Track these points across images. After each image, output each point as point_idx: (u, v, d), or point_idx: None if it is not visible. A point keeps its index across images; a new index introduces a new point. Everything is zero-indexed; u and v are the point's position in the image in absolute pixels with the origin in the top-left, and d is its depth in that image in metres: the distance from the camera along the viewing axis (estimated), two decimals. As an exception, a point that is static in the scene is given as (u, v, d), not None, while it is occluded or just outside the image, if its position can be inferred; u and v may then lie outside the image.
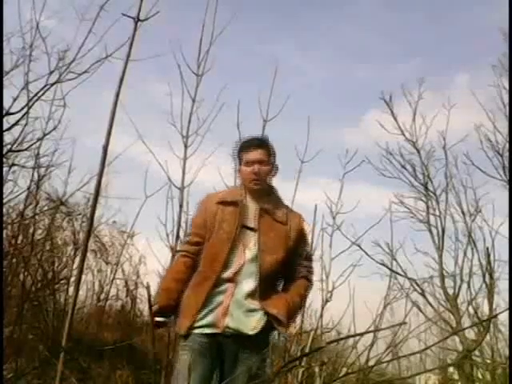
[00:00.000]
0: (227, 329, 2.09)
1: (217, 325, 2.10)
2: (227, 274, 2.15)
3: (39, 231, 6.11)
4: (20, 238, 5.51)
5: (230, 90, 4.69)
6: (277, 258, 2.18)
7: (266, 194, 2.30)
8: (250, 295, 2.13)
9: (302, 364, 4.37)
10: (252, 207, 2.25)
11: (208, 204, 2.31)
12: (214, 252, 2.18)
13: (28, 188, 5.54)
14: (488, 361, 7.06)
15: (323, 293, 4.75)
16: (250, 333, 2.08)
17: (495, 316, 7.36)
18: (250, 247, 2.18)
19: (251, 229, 2.21)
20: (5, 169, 4.93)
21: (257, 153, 2.27)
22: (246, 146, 2.31)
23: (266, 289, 2.15)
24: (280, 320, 2.11)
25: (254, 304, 2.12)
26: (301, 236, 2.29)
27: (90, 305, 7.67)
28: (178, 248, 2.42)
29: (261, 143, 2.32)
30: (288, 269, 2.26)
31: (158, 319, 2.17)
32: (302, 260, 2.30)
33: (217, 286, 2.14)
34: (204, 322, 2.11)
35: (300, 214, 2.37)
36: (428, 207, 8.38)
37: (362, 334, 3.72)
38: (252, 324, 2.10)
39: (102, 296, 7.64)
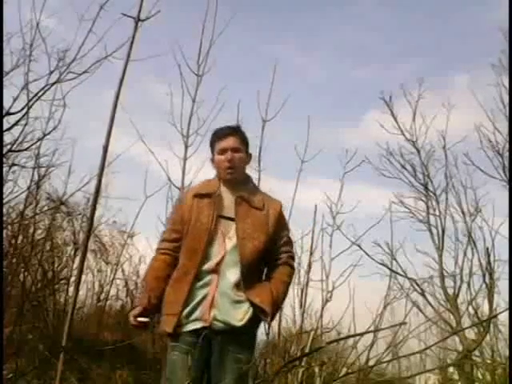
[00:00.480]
0: (215, 321, 2.05)
1: (204, 318, 2.06)
2: (209, 265, 2.11)
3: (39, 231, 6.12)
4: (20, 238, 5.51)
5: (229, 90, 4.70)
6: (258, 245, 2.15)
7: (241, 183, 2.27)
8: (236, 285, 2.09)
9: (302, 364, 4.37)
10: (228, 197, 2.22)
11: (183, 200, 2.29)
12: (192, 245, 2.15)
13: (28, 188, 5.54)
14: (488, 361, 7.06)
15: (323, 293, 4.75)
16: (238, 324, 2.05)
17: (495, 316, 7.35)
18: (229, 236, 2.15)
19: (229, 218, 2.17)
20: (5, 169, 4.93)
21: (230, 140, 2.24)
22: (219, 134, 2.29)
23: (249, 278, 2.11)
24: (264, 309, 2.08)
25: (240, 295, 2.09)
26: (279, 221, 2.25)
27: (90, 305, 7.68)
28: (156, 246, 2.36)
29: (233, 131, 2.30)
30: (269, 255, 2.23)
31: (141, 319, 2.14)
32: (282, 245, 2.27)
33: (199, 279, 2.10)
34: (191, 317, 2.07)
35: (278, 200, 2.34)
36: (428, 207, 8.38)
37: (362, 334, 3.73)
38: (239, 315, 2.07)
39: (102, 296, 7.65)
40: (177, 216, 2.27)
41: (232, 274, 2.10)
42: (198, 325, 2.06)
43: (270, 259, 2.24)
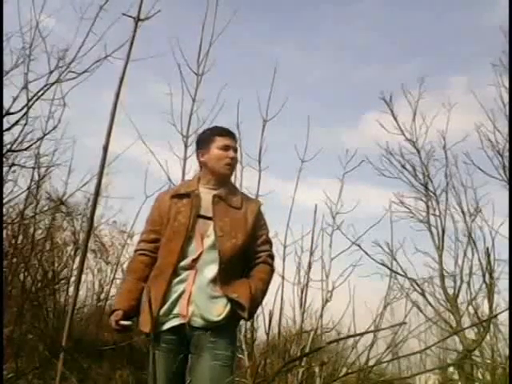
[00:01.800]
0: (193, 317, 2.04)
1: (182, 314, 2.04)
2: (186, 262, 2.10)
3: (39, 231, 6.11)
4: (20, 238, 5.51)
5: (229, 90, 4.69)
6: (236, 243, 2.13)
7: (222, 184, 2.27)
8: (213, 281, 2.07)
9: (302, 364, 4.37)
10: (206, 196, 2.21)
11: (161, 201, 2.28)
12: (169, 244, 2.14)
13: (28, 188, 5.54)
14: (488, 361, 7.06)
15: (323, 293, 4.75)
16: (216, 319, 2.03)
17: (495, 316, 7.35)
18: (207, 235, 2.14)
19: (207, 217, 2.17)
20: (5, 169, 4.92)
21: (233, 140, 2.29)
22: (222, 131, 2.31)
23: (227, 275, 2.09)
24: (241, 304, 2.05)
25: (217, 291, 2.07)
26: (258, 221, 2.25)
27: (90, 305, 7.67)
28: (135, 247, 2.34)
29: (234, 133, 2.34)
30: (248, 255, 2.22)
31: (123, 323, 2.10)
32: (261, 245, 2.26)
33: (176, 276, 2.09)
34: (169, 315, 2.06)
35: (257, 200, 2.37)
36: (428, 207, 8.39)
37: (362, 334, 3.73)
38: (217, 311, 2.05)
39: (102, 296, 7.65)
40: (155, 216, 2.26)
41: (209, 271, 2.09)
42: (176, 322, 2.05)
43: (248, 259, 2.23)
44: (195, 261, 2.10)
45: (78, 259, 5.77)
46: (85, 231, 3.99)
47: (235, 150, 2.29)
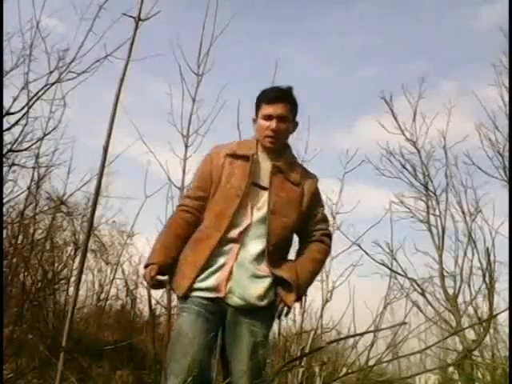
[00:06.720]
0: (230, 294, 1.90)
1: (219, 288, 1.91)
2: (233, 233, 1.95)
3: (39, 231, 6.12)
4: (20, 237, 5.50)
5: (230, 90, 4.68)
6: (287, 222, 1.99)
7: (280, 152, 2.09)
8: (256, 259, 1.94)
9: (302, 364, 4.37)
10: (264, 164, 2.04)
11: (215, 155, 2.09)
12: (219, 208, 1.98)
13: (28, 188, 5.53)
14: (488, 361, 7.06)
15: (323, 293, 4.75)
16: (257, 303, 1.90)
17: (495, 316, 7.34)
18: (259, 207, 1.98)
19: (262, 187, 2.01)
20: (5, 169, 4.92)
21: (278, 107, 2.03)
22: (268, 96, 2.08)
23: (274, 254, 1.95)
24: (289, 284, 1.90)
25: (260, 270, 1.93)
26: (314, 198, 2.09)
27: (90, 305, 7.67)
28: (179, 202, 2.15)
29: (284, 96, 2.08)
30: (301, 233, 2.09)
31: (159, 278, 1.96)
32: (317, 223, 2.10)
33: (221, 246, 1.94)
34: (204, 284, 1.92)
35: (314, 175, 2.16)
36: (428, 207, 8.37)
37: (362, 334, 3.72)
38: (257, 292, 1.91)
39: (102, 296, 7.65)
40: (205, 173, 2.09)
41: (254, 247, 1.95)
42: (211, 294, 1.92)
43: (302, 237, 2.11)
44: (241, 234, 1.96)
45: (78, 259, 5.77)
46: (85, 231, 3.99)
47: (281, 119, 2.03)
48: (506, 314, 5.86)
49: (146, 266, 2.01)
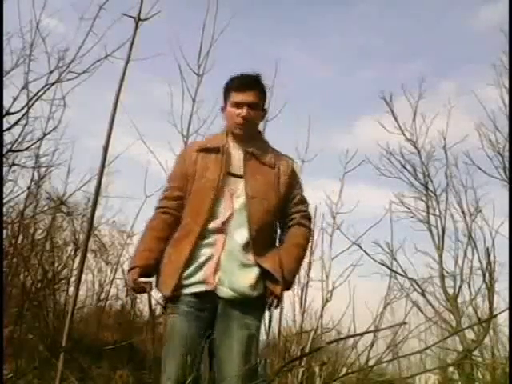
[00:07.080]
0: (220, 285, 1.86)
1: (208, 281, 1.87)
2: (215, 224, 1.92)
3: (39, 231, 6.12)
4: (20, 237, 5.50)
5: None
6: (268, 205, 1.97)
7: (252, 138, 2.08)
8: (244, 248, 1.90)
9: (302, 364, 4.37)
10: (236, 152, 2.03)
11: (187, 154, 2.09)
12: (196, 203, 1.96)
13: (28, 188, 5.54)
14: (488, 361, 7.05)
15: (323, 293, 4.75)
16: (247, 292, 1.87)
17: (495, 316, 7.35)
18: (238, 194, 1.96)
19: (238, 176, 1.99)
20: (5, 169, 4.92)
21: (249, 95, 2.02)
22: (237, 84, 2.05)
23: (259, 241, 1.92)
24: (273, 276, 1.88)
25: (249, 259, 1.90)
26: (292, 179, 2.08)
27: (90, 305, 7.67)
28: (156, 205, 2.11)
29: (254, 84, 2.07)
30: (281, 217, 2.06)
31: (142, 280, 1.93)
32: (295, 205, 2.07)
33: (203, 239, 1.91)
34: (192, 279, 1.88)
35: (290, 157, 2.17)
36: (428, 207, 8.37)
37: (362, 334, 3.71)
38: (248, 281, 1.88)
39: (102, 296, 7.65)
40: (179, 171, 2.08)
41: (240, 235, 1.92)
42: (200, 288, 1.88)
43: (282, 221, 2.08)
44: (225, 223, 1.93)
45: (78, 259, 5.77)
46: (85, 231, 3.99)
47: (251, 105, 2.01)
48: (505, 314, 5.87)
49: (129, 270, 2.00)
